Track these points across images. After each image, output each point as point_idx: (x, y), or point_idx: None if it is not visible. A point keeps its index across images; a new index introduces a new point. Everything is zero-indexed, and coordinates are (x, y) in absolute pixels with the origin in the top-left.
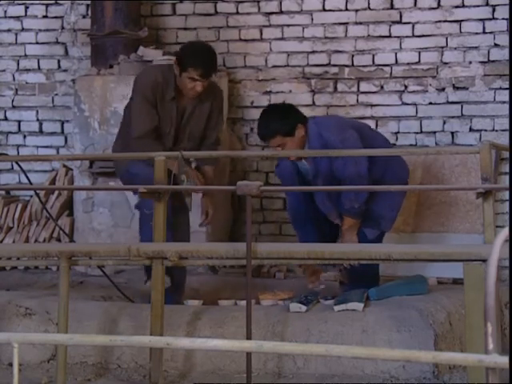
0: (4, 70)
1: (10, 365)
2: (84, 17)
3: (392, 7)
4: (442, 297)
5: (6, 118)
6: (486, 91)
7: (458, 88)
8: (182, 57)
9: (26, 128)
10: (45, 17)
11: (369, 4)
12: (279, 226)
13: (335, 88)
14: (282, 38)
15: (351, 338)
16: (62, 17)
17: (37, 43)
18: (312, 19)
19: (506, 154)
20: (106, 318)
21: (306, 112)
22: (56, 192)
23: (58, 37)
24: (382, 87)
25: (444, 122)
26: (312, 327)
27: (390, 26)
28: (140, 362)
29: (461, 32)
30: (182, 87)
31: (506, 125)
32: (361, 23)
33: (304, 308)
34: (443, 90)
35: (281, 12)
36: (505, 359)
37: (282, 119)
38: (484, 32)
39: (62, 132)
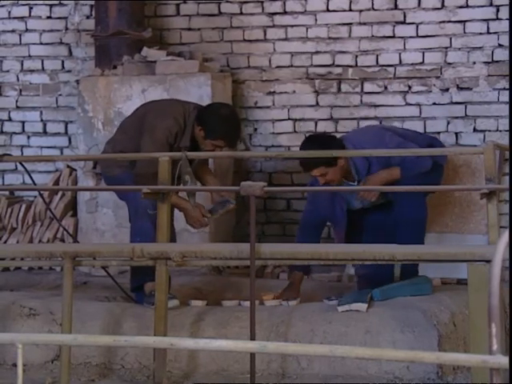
0: (8, 71)
1: (14, 365)
2: (88, 17)
3: (396, 7)
4: (445, 297)
5: (10, 119)
6: (489, 91)
7: (461, 88)
8: (211, 125)
9: (29, 128)
10: (49, 17)
11: (373, 4)
12: (283, 227)
13: (339, 88)
14: (286, 39)
15: (355, 338)
16: (65, 17)
17: (41, 44)
18: (316, 20)
19: None
20: (110, 318)
21: (310, 112)
22: (60, 192)
23: (61, 37)
24: (385, 88)
25: (448, 123)
26: (316, 328)
27: (394, 26)
28: (144, 362)
29: (465, 32)
30: (200, 144)
31: None
32: (365, 24)
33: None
34: (447, 90)
35: (284, 12)
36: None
37: (325, 149)
38: (488, 32)
39: (66, 133)
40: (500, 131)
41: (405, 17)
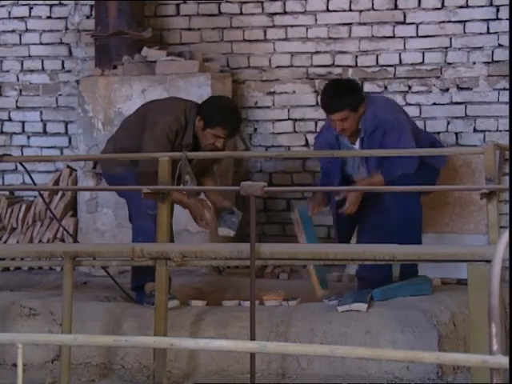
0: (8, 71)
1: (14, 365)
2: (88, 17)
3: (396, 8)
4: (445, 297)
5: (10, 119)
6: (489, 92)
7: (461, 88)
8: (209, 114)
9: (29, 129)
10: (49, 17)
11: (373, 4)
12: (283, 227)
13: None
14: (286, 39)
15: (355, 338)
16: (65, 17)
17: (41, 44)
18: (316, 20)
19: None
20: (110, 318)
21: (310, 112)
22: (60, 192)
23: (61, 37)
24: (385, 88)
25: (448, 123)
26: (316, 328)
27: (394, 26)
28: (144, 362)
29: (465, 32)
30: (201, 138)
31: None
32: (365, 24)
33: (232, 233)
34: (447, 90)
35: (285, 12)
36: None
37: (351, 94)
38: (488, 32)
39: (66, 133)
40: (500, 131)
41: (405, 17)
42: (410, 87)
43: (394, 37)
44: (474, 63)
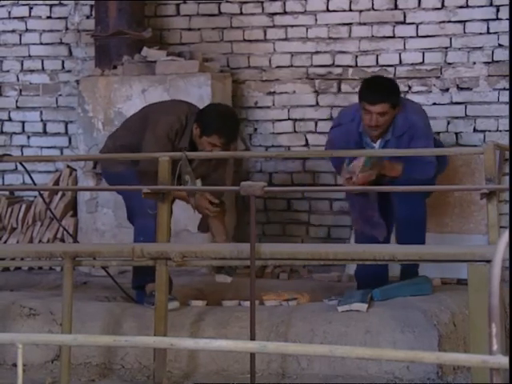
0: (8, 71)
1: (14, 365)
2: (88, 17)
3: (396, 8)
4: (446, 297)
5: (10, 119)
6: (489, 92)
7: (461, 88)
8: (206, 122)
9: (29, 128)
10: (49, 17)
11: (373, 4)
12: (283, 227)
13: (339, 88)
14: (286, 39)
15: (355, 338)
16: (65, 17)
17: (41, 44)
18: (316, 20)
19: None
20: (110, 318)
21: (310, 112)
22: (60, 192)
23: (61, 37)
24: None
25: (448, 123)
26: (316, 328)
27: (394, 26)
28: (144, 362)
29: (465, 32)
30: (198, 146)
31: None
32: (365, 24)
33: (229, 279)
34: (447, 90)
35: (285, 12)
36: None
37: (394, 91)
38: (488, 32)
39: (66, 133)
40: (500, 131)
41: (405, 17)
42: (410, 87)
43: (394, 37)
44: (474, 63)
